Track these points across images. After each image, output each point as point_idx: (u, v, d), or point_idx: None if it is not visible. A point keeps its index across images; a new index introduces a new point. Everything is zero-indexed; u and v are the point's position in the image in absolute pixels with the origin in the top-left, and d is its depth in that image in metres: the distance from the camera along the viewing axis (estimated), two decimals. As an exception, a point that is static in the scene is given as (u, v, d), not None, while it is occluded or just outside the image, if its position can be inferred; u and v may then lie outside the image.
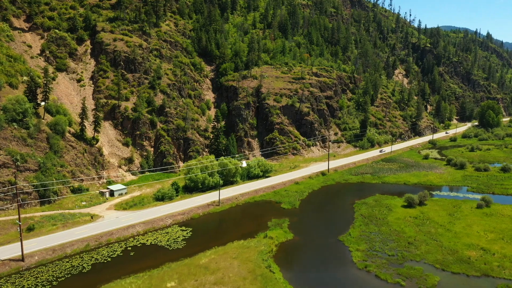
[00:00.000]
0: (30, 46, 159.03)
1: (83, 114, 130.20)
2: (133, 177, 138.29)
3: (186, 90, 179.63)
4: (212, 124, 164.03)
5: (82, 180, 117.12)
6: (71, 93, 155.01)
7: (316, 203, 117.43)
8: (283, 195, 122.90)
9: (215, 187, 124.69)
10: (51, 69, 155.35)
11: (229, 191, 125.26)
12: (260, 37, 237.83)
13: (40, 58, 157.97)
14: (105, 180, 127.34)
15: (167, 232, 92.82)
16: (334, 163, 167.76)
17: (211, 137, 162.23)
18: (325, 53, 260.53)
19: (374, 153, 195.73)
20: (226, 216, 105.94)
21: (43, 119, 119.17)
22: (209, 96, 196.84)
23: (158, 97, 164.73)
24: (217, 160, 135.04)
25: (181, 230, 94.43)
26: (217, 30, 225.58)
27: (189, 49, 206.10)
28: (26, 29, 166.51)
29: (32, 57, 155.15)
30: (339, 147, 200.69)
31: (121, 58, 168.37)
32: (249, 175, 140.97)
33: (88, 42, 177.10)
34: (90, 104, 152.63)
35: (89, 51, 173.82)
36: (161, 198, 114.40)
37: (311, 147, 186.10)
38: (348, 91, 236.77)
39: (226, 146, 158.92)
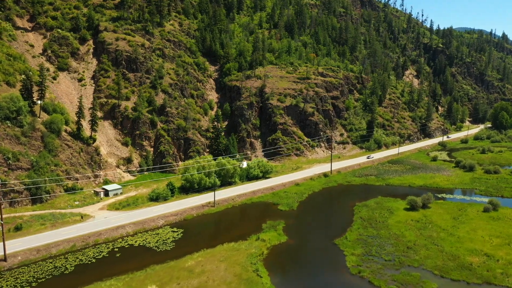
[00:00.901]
0: (32, 46, 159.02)
1: (80, 113, 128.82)
2: (131, 177, 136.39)
3: (188, 90, 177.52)
4: (213, 124, 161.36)
5: (77, 179, 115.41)
6: (71, 93, 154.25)
7: (315, 205, 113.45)
8: (282, 197, 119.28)
9: (212, 187, 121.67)
10: (52, 68, 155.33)
11: (226, 192, 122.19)
12: (266, 36, 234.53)
13: (41, 58, 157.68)
14: (102, 180, 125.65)
15: (158, 233, 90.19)
16: (338, 165, 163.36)
17: (212, 137, 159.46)
18: (332, 53, 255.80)
19: (380, 154, 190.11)
20: (221, 218, 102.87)
21: (39, 117, 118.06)
22: (213, 96, 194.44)
23: (159, 96, 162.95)
24: (215, 160, 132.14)
25: (172, 231, 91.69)
26: (222, 30, 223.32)
27: (193, 49, 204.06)
28: (29, 28, 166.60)
29: (34, 57, 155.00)
30: (344, 148, 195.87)
31: (122, 57, 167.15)
32: (248, 176, 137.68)
33: (90, 42, 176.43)
34: (90, 103, 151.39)
35: (91, 50, 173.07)
36: (155, 198, 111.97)
37: (315, 148, 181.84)
38: (355, 91, 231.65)
39: (226, 146, 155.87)
